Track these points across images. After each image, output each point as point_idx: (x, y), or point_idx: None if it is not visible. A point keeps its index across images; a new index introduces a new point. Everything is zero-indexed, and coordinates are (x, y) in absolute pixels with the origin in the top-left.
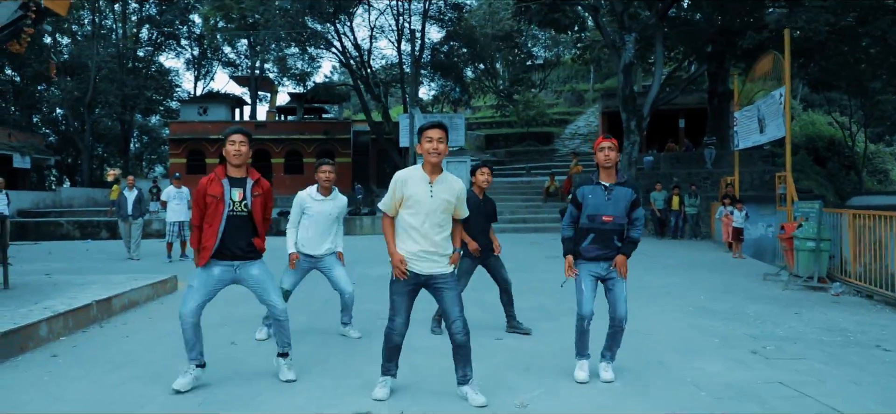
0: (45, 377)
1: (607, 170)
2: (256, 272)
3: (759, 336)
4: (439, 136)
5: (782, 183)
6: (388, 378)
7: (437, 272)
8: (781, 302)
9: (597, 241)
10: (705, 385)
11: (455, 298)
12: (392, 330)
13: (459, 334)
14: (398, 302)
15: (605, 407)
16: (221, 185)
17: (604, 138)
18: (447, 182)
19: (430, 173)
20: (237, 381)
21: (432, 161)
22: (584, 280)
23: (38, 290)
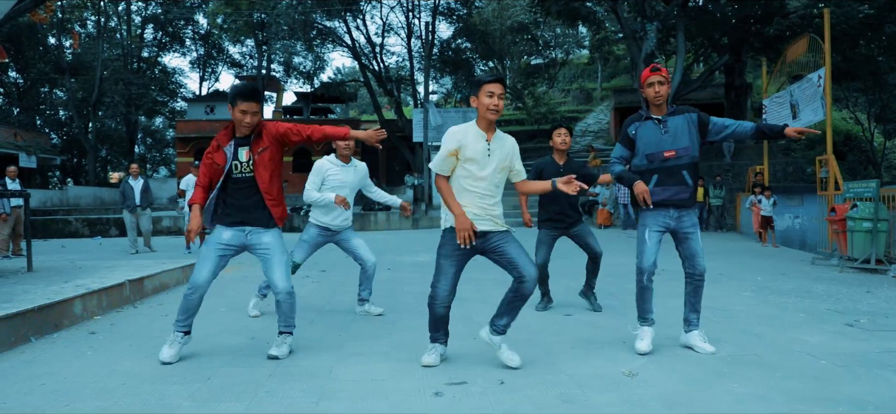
0: (89, 352)
1: (658, 107)
2: (268, 240)
3: (844, 311)
4: (500, 92)
5: (824, 167)
6: (436, 345)
7: (495, 229)
8: (845, 282)
9: (661, 182)
10: (819, 354)
11: (520, 249)
12: (434, 299)
13: (529, 283)
14: (446, 266)
15: (722, 373)
16: (224, 155)
17: (652, 70)
18: (503, 140)
19: (487, 130)
20: (299, 352)
21: (489, 118)
22: (647, 229)
23: (64, 272)
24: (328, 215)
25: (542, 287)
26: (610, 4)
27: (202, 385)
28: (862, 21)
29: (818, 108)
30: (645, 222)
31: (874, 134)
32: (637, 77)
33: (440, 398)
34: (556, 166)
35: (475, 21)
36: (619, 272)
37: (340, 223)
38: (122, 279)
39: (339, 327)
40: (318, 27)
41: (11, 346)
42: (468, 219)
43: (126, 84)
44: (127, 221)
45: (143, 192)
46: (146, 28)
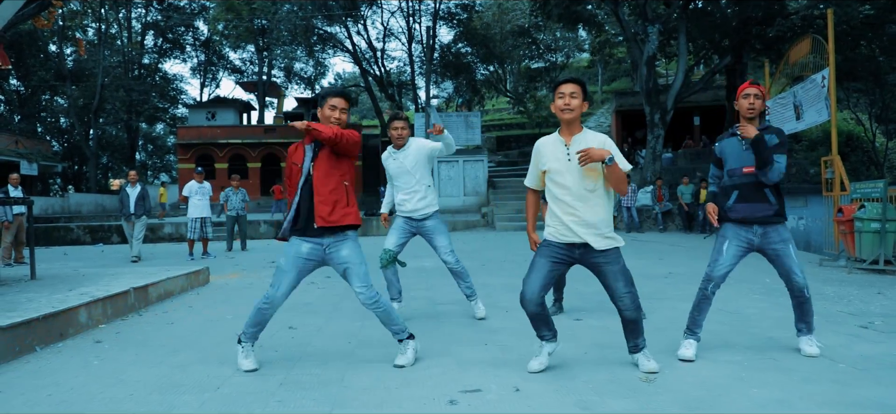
0: (94, 362)
1: (751, 121)
2: (346, 254)
3: (856, 313)
4: (571, 91)
5: (829, 167)
6: (544, 344)
7: (594, 243)
8: (855, 284)
9: (743, 198)
10: (837, 357)
11: (618, 273)
12: (523, 297)
13: (628, 311)
14: (537, 262)
15: (740, 378)
16: (303, 150)
17: (750, 83)
18: (585, 139)
19: (566, 135)
20: (308, 360)
21: (566, 118)
22: (727, 240)
23: (68, 280)
24: (403, 205)
25: (557, 293)
26: (611, 7)
27: (212, 394)
28: (863, 21)
29: (822, 108)
30: (725, 234)
31: (876, 134)
32: (638, 79)
33: (455, 406)
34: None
35: (476, 25)
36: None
37: (418, 211)
38: (126, 287)
39: (347, 334)
40: (319, 32)
41: (17, 355)
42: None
43: (127, 91)
44: (125, 229)
45: (138, 200)
46: (146, 35)
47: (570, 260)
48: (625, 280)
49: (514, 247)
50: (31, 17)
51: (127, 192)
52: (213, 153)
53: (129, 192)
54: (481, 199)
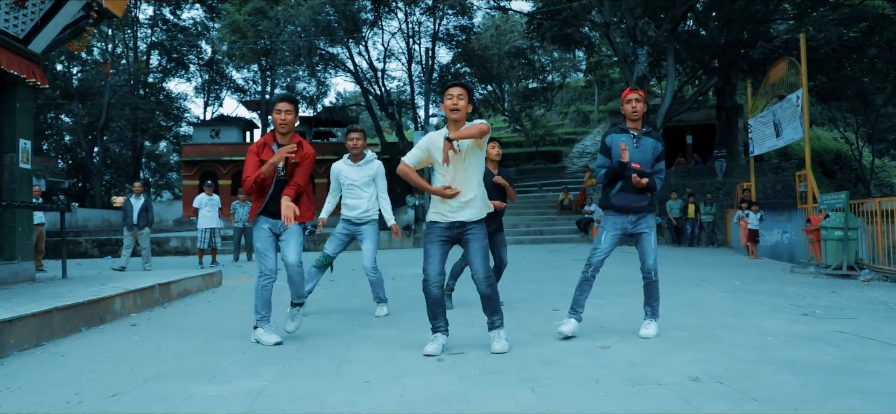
0: (136, 337)
1: (635, 122)
2: (291, 229)
3: (804, 306)
4: (458, 94)
5: (802, 181)
6: (438, 335)
7: (467, 218)
8: (815, 286)
9: (625, 189)
10: (769, 333)
11: (479, 250)
12: (426, 282)
13: (481, 285)
14: (431, 252)
15: (682, 346)
16: (272, 151)
17: (631, 90)
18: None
19: (453, 131)
20: (319, 337)
21: (453, 118)
22: (606, 231)
23: (96, 279)
24: (347, 210)
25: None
26: (602, 30)
27: (241, 356)
28: (844, 44)
29: (798, 126)
30: (604, 225)
31: (863, 152)
32: None
33: (441, 362)
34: (490, 175)
35: (473, 47)
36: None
37: (360, 215)
38: (152, 283)
39: (351, 321)
40: (321, 53)
41: (67, 333)
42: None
43: (133, 109)
44: (125, 237)
45: (141, 212)
46: (151, 54)
47: (451, 238)
48: (483, 257)
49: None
50: (67, 41)
51: (131, 204)
52: (216, 170)
53: (133, 203)
54: None
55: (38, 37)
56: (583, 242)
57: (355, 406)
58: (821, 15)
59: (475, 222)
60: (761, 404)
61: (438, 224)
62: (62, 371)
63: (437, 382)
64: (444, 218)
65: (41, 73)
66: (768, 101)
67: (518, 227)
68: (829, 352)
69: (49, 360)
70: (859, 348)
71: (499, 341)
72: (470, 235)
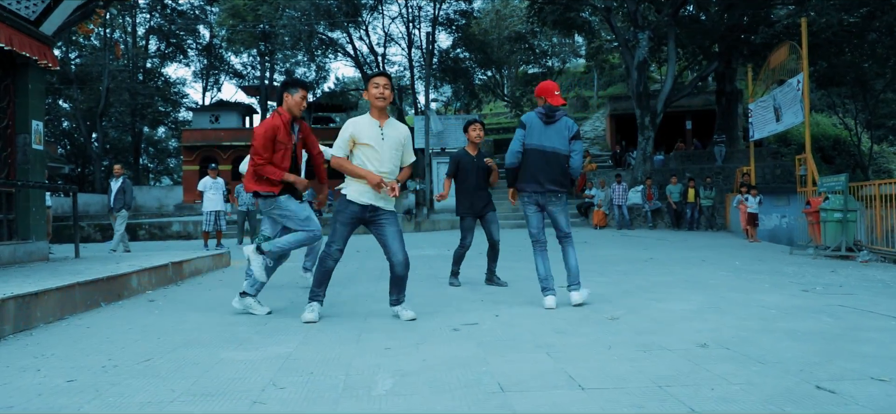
0: (155, 312)
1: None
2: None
3: (805, 283)
4: (385, 83)
5: (802, 165)
6: (315, 303)
7: (381, 205)
8: (814, 265)
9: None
10: (771, 306)
11: (396, 234)
12: (328, 254)
13: (399, 267)
14: (340, 230)
15: (688, 317)
16: (291, 134)
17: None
18: (395, 126)
19: (379, 118)
20: (337, 311)
21: (379, 106)
22: (528, 207)
23: (109, 260)
24: None
25: (455, 266)
26: (603, 14)
27: (262, 326)
28: (845, 29)
29: (798, 111)
30: (524, 208)
31: (862, 138)
32: (630, 84)
33: (458, 331)
34: (470, 158)
35: (474, 31)
36: (610, 260)
37: None
38: (166, 261)
39: (365, 297)
40: (321, 37)
41: (88, 308)
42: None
43: (132, 94)
44: (112, 221)
45: (119, 194)
46: (150, 39)
47: (362, 218)
48: (400, 240)
49: (509, 241)
50: (78, 23)
51: (111, 186)
52: (216, 155)
53: (112, 185)
54: None
55: (49, 18)
56: (584, 225)
57: (381, 368)
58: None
59: (388, 210)
60: (767, 366)
61: (353, 204)
62: (92, 341)
63: (456, 349)
64: (360, 199)
65: (52, 54)
66: (769, 86)
67: (519, 211)
68: (829, 322)
69: (76, 330)
70: (858, 319)
71: (407, 311)
72: (384, 220)
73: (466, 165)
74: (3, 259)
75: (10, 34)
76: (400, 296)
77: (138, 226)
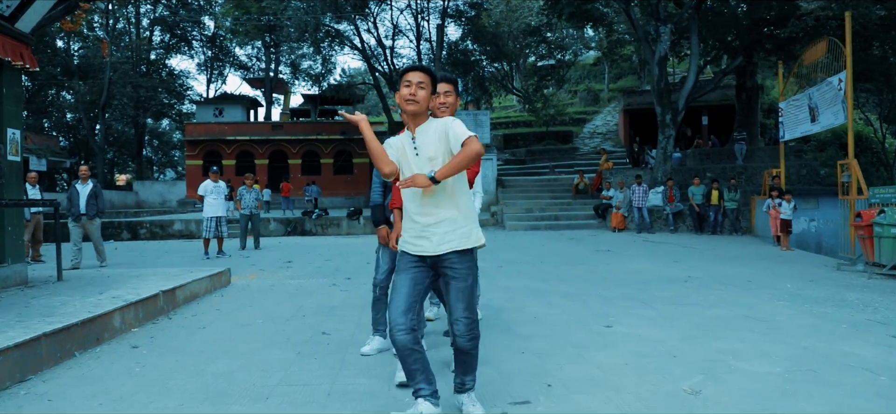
0: (137, 368)
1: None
2: None
3: (885, 322)
4: (419, 79)
5: (846, 171)
6: (420, 401)
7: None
8: (876, 290)
9: None
10: (876, 369)
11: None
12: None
13: (462, 338)
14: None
15: (787, 392)
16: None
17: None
18: (429, 128)
19: (411, 127)
20: (354, 366)
21: (409, 110)
22: (382, 249)
23: (94, 282)
24: None
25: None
26: (623, 7)
27: (262, 405)
28: (876, 23)
29: (839, 111)
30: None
31: (886, 136)
32: (646, 78)
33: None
34: None
35: (484, 23)
36: (644, 278)
37: None
38: (155, 290)
39: None
40: (327, 29)
41: (58, 361)
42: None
43: (135, 87)
44: (72, 231)
45: (90, 199)
46: (154, 30)
47: (426, 267)
48: (466, 302)
49: (526, 246)
50: (59, 19)
51: (77, 190)
52: (220, 150)
53: (80, 189)
54: (490, 198)
55: (25, 14)
56: (601, 228)
57: None
58: None
59: (456, 253)
60: None
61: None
62: None
63: None
64: (414, 247)
65: (30, 54)
66: (802, 85)
67: (532, 211)
68: None
69: (33, 406)
70: None
71: (474, 406)
72: (449, 270)
73: None
74: None
75: None
76: (465, 379)
77: (140, 224)
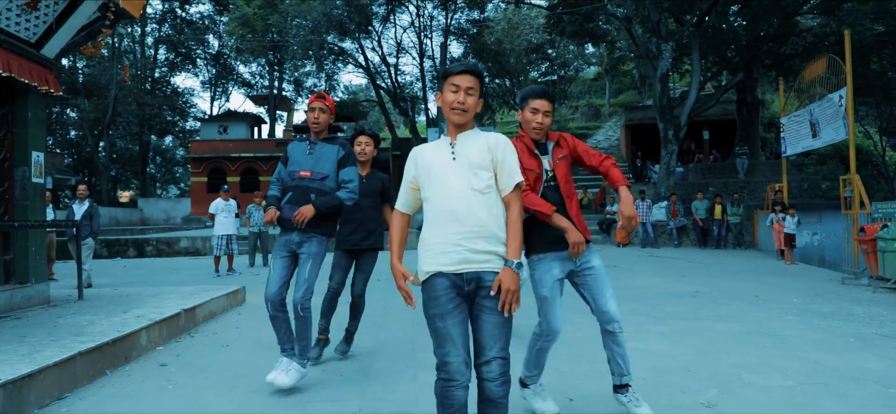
0: (169, 386)
1: (317, 132)
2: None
3: (892, 335)
4: (469, 84)
5: (848, 186)
6: None
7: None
8: (882, 304)
9: (293, 200)
10: (886, 382)
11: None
12: (447, 380)
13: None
14: (445, 329)
15: (797, 404)
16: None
17: (317, 98)
18: (473, 138)
19: (453, 134)
20: (375, 377)
21: (455, 120)
22: (275, 257)
23: (114, 301)
24: None
25: (323, 321)
26: (624, 25)
27: None
28: (875, 39)
29: (840, 127)
30: (274, 250)
31: (886, 149)
32: (646, 93)
33: None
34: (360, 178)
35: (487, 40)
36: (652, 293)
37: None
38: (177, 309)
39: (404, 342)
40: (331, 47)
41: (91, 379)
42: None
43: (140, 104)
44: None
45: (85, 219)
46: (159, 49)
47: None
48: (506, 337)
49: None
50: (82, 44)
51: (73, 210)
52: (225, 166)
53: (76, 209)
54: None
55: (51, 40)
56: (606, 242)
57: None
58: (851, 7)
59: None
60: None
61: (443, 277)
62: None
63: None
64: (451, 267)
65: (54, 79)
66: (803, 100)
67: None
68: None
69: None
70: None
71: None
72: (486, 299)
73: None
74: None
75: (9, 59)
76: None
77: (146, 241)
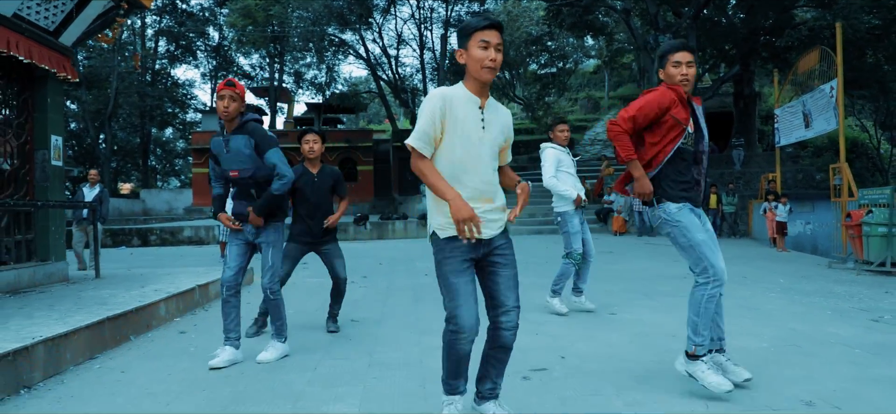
0: (191, 348)
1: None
2: None
3: (867, 309)
4: (498, 41)
5: (838, 174)
6: (455, 398)
7: (496, 234)
8: (863, 284)
9: (238, 196)
10: (853, 344)
11: (511, 278)
12: (457, 332)
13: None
14: (459, 286)
15: (771, 360)
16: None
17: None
18: (497, 110)
19: (480, 94)
20: (386, 344)
21: (484, 78)
22: (229, 244)
23: (129, 279)
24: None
25: (263, 306)
26: (622, 17)
27: (312, 373)
28: (869, 32)
29: (831, 117)
30: (231, 233)
31: (881, 141)
32: (645, 86)
33: (529, 381)
34: (310, 176)
35: None
36: (646, 276)
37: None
38: (190, 285)
39: (415, 315)
40: (332, 38)
41: (117, 343)
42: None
43: (141, 96)
44: (74, 234)
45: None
46: (159, 40)
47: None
48: (515, 287)
49: (530, 249)
50: (98, 32)
51: (83, 194)
52: None
53: (86, 193)
54: None
55: (68, 28)
56: (603, 231)
57: None
58: (848, 1)
59: (504, 238)
60: None
61: (459, 241)
62: (130, 392)
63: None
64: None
65: (71, 66)
66: (797, 92)
67: (535, 216)
68: None
69: (109, 376)
70: None
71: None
72: (499, 257)
73: (305, 186)
74: (22, 283)
75: (30, 46)
76: (498, 382)
77: (150, 231)
